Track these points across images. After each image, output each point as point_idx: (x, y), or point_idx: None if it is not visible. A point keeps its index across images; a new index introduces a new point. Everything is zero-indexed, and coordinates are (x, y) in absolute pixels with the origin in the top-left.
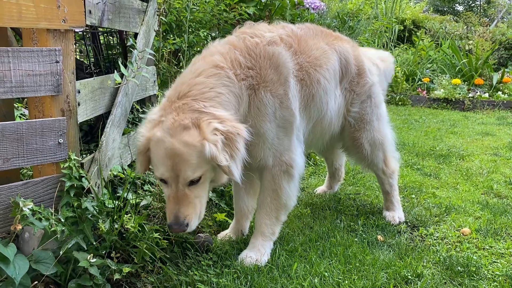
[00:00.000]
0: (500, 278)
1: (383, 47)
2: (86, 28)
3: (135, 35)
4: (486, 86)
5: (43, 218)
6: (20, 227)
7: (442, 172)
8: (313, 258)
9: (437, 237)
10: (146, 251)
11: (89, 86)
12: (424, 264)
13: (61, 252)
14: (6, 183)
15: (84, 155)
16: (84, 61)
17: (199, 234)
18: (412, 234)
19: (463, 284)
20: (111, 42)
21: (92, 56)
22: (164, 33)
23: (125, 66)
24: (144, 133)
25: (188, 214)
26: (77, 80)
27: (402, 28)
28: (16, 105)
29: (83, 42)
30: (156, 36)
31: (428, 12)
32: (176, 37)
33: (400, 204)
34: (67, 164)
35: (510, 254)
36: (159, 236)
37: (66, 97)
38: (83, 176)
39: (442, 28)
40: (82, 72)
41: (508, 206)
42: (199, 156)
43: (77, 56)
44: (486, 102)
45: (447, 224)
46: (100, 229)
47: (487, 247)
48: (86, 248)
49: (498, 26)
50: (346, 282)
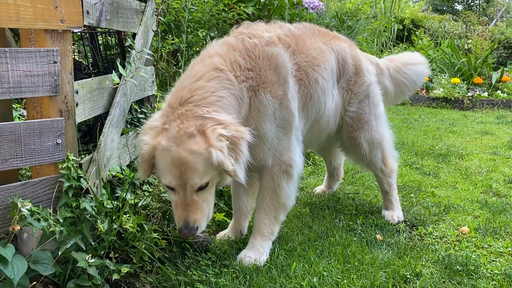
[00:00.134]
0: (499, 276)
1: (382, 46)
2: (84, 28)
3: (134, 36)
4: (485, 85)
5: (41, 219)
6: (19, 228)
7: (441, 171)
8: (312, 257)
9: (436, 236)
10: (145, 251)
11: (87, 87)
12: (423, 263)
13: (59, 253)
14: (5, 184)
15: (83, 156)
16: (83, 62)
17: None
18: (411, 233)
19: (462, 283)
20: (109, 43)
21: (91, 57)
22: (162, 33)
23: (124, 67)
24: (148, 141)
25: (198, 218)
26: (76, 80)
27: (401, 27)
28: (15, 106)
29: (81, 43)
30: (154, 36)
31: (427, 11)
32: (174, 37)
33: (399, 203)
34: (65, 165)
35: (509, 253)
36: (157, 236)
37: (64, 97)
38: (82, 177)
39: (441, 27)
40: (81, 72)
41: (507, 205)
42: (206, 163)
43: (75, 56)
44: (485, 101)
45: (446, 223)
46: (99, 229)
47: (486, 246)
48: (84, 249)
49: (497, 25)
50: (345, 281)
